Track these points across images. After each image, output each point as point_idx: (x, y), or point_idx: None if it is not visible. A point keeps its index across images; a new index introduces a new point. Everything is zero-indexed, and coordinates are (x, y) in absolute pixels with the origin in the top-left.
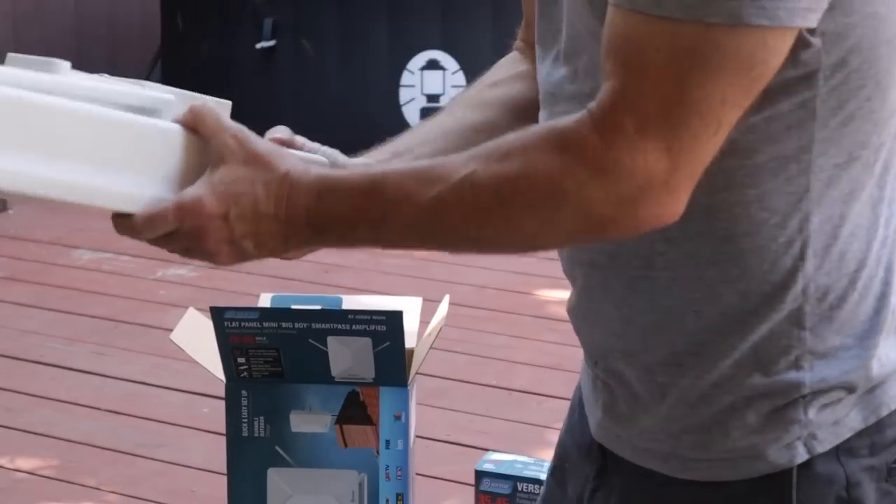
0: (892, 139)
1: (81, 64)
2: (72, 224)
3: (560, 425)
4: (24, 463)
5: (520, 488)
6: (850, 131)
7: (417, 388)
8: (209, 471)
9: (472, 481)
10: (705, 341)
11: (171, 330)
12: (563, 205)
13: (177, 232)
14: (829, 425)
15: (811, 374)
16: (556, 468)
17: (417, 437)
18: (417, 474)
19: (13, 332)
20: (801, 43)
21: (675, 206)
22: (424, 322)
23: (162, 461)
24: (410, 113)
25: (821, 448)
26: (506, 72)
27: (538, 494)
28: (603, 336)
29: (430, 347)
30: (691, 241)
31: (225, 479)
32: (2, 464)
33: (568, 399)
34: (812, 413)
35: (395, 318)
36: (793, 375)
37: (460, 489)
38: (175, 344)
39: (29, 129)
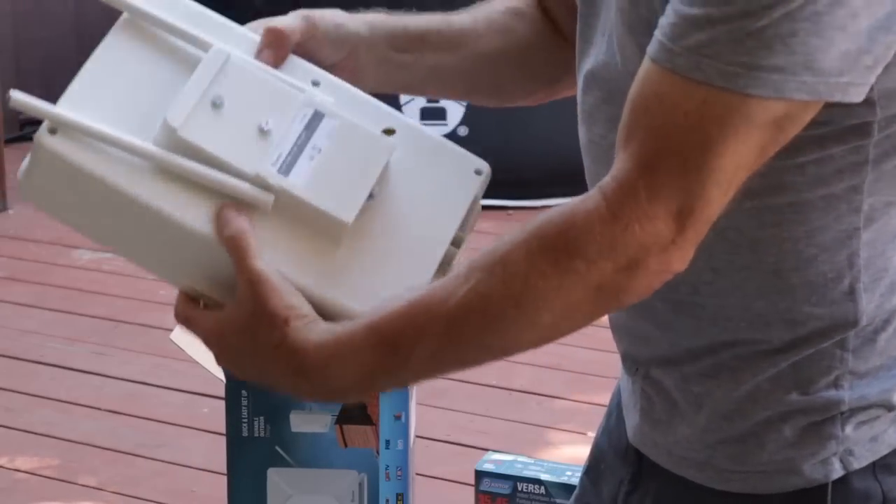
0: None
1: (81, 64)
2: None
3: (560, 425)
4: (24, 463)
5: (520, 488)
6: None
7: (417, 388)
8: (209, 471)
9: (472, 481)
10: (746, 358)
11: (171, 330)
12: (580, 286)
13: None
14: (867, 441)
15: (850, 392)
16: (591, 468)
17: (417, 437)
18: (417, 474)
19: (13, 332)
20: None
21: (681, 261)
22: None
23: (162, 461)
24: (410, 112)
25: (857, 464)
26: (523, 4)
27: (538, 494)
28: (644, 350)
29: None
30: (739, 273)
31: (225, 479)
32: (2, 464)
33: (568, 399)
34: (849, 429)
35: None
36: (832, 394)
37: (460, 489)
38: (175, 344)
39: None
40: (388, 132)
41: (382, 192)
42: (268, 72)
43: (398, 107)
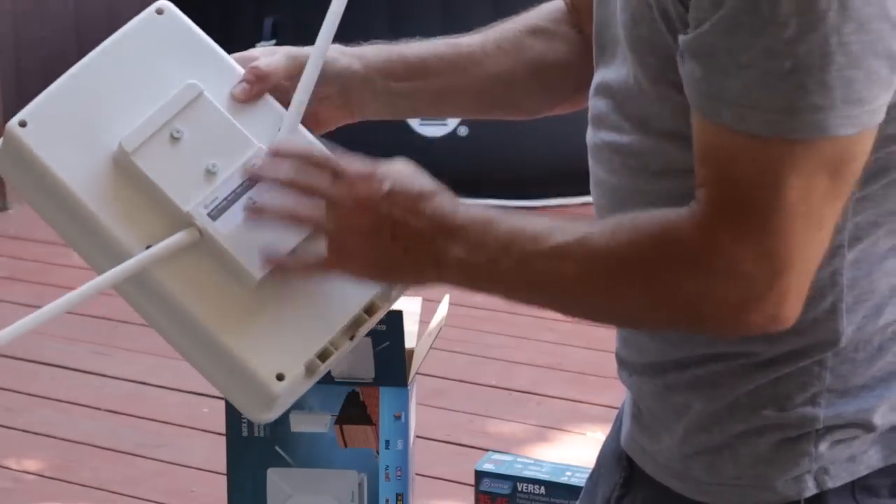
0: None
1: None
2: None
3: (560, 425)
4: (24, 463)
5: (520, 488)
6: (893, 193)
7: (417, 388)
8: (209, 471)
9: (472, 481)
10: (727, 373)
11: None
12: (659, 293)
13: (330, 190)
14: (844, 461)
15: (826, 410)
16: (594, 471)
17: (417, 437)
18: (417, 474)
19: None
20: None
21: (787, 309)
22: (424, 322)
23: (162, 461)
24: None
25: (832, 483)
26: (547, 23)
27: (538, 494)
28: (636, 356)
29: (430, 347)
30: None
31: (225, 479)
32: (2, 464)
33: (567, 399)
34: (824, 447)
35: (395, 318)
36: (807, 410)
37: (460, 489)
38: None
39: None
40: None
41: (306, 251)
42: (232, 117)
43: None
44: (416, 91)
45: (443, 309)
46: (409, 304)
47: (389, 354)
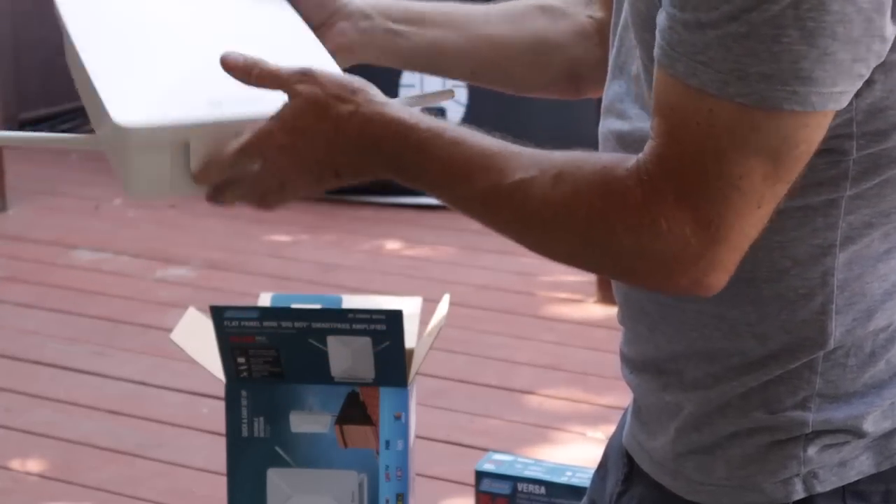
0: None
1: None
2: (72, 224)
3: (560, 425)
4: (24, 463)
5: (520, 488)
6: (888, 194)
7: (417, 388)
8: (209, 471)
9: (472, 481)
10: (719, 374)
11: (171, 330)
12: (595, 245)
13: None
14: (834, 466)
15: (816, 414)
16: (601, 465)
17: (417, 437)
18: (417, 474)
19: (13, 332)
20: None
21: (713, 278)
22: (424, 322)
23: (162, 461)
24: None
25: (821, 488)
26: (563, 2)
27: (538, 494)
28: (637, 351)
29: (430, 347)
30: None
31: (225, 479)
32: (2, 464)
33: (568, 399)
34: (813, 451)
35: (395, 317)
36: (797, 414)
37: (460, 489)
38: (175, 344)
39: None
40: None
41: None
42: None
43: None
44: (413, 36)
45: (443, 309)
46: (409, 304)
47: (389, 354)
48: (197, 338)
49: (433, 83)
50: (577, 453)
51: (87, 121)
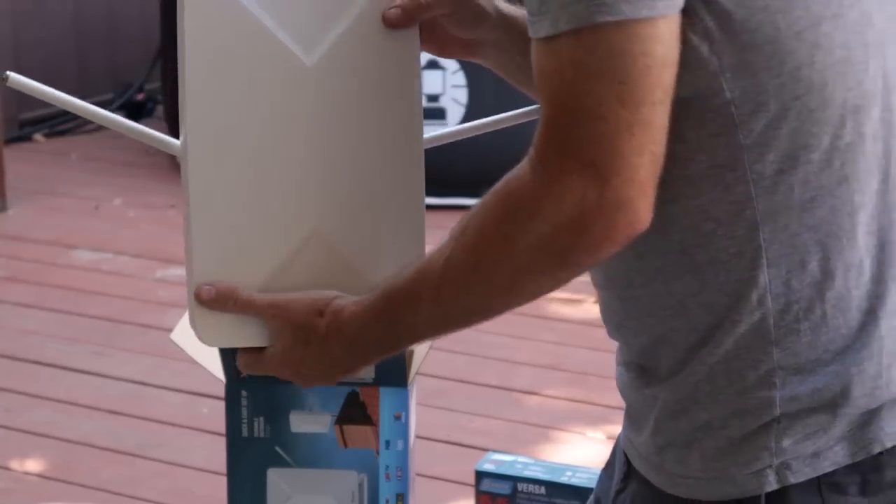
0: (862, 139)
1: (81, 64)
2: (72, 224)
3: (560, 425)
4: (24, 463)
5: (520, 488)
6: (786, 134)
7: (417, 388)
8: (209, 471)
9: (472, 481)
10: (683, 358)
11: (170, 330)
12: (523, 250)
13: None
14: (808, 457)
15: (781, 391)
16: (609, 464)
17: (417, 437)
18: (417, 474)
19: (13, 332)
20: (687, 44)
21: (629, 214)
22: None
23: (162, 461)
24: None
25: (794, 479)
26: None
27: (538, 494)
28: (619, 353)
29: (430, 347)
30: (655, 255)
31: (225, 479)
32: (2, 464)
33: (568, 399)
34: (786, 442)
35: None
36: (764, 394)
37: (460, 489)
38: (175, 344)
39: None
40: None
41: None
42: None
43: None
44: (519, 22)
45: None
46: None
47: None
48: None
49: (433, 85)
50: (577, 453)
51: (87, 121)
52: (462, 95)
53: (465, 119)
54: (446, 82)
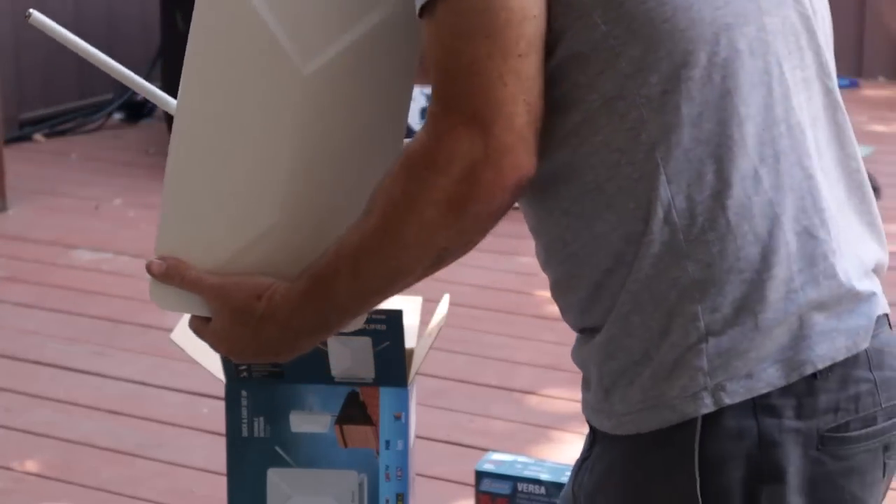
0: (738, 54)
1: (81, 64)
2: (72, 224)
3: (560, 425)
4: (24, 463)
5: (520, 488)
6: (664, 56)
7: (417, 388)
8: (209, 471)
9: (472, 481)
10: (613, 294)
11: (171, 330)
12: (426, 205)
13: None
14: (742, 377)
15: (703, 303)
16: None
17: (417, 437)
18: (417, 474)
19: (13, 332)
20: None
21: (515, 159)
22: (424, 322)
23: (162, 461)
24: (410, 114)
25: (729, 400)
26: None
27: (538, 494)
28: (570, 319)
29: (430, 347)
30: (576, 203)
31: (225, 479)
32: (2, 464)
33: (568, 399)
34: (718, 361)
35: (395, 317)
36: (687, 307)
37: (460, 489)
38: (175, 344)
39: None
40: None
41: None
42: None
43: None
44: None
45: (443, 309)
46: (409, 304)
47: (389, 354)
48: (197, 338)
49: None
50: (577, 453)
51: (87, 121)
52: None
53: None
54: None
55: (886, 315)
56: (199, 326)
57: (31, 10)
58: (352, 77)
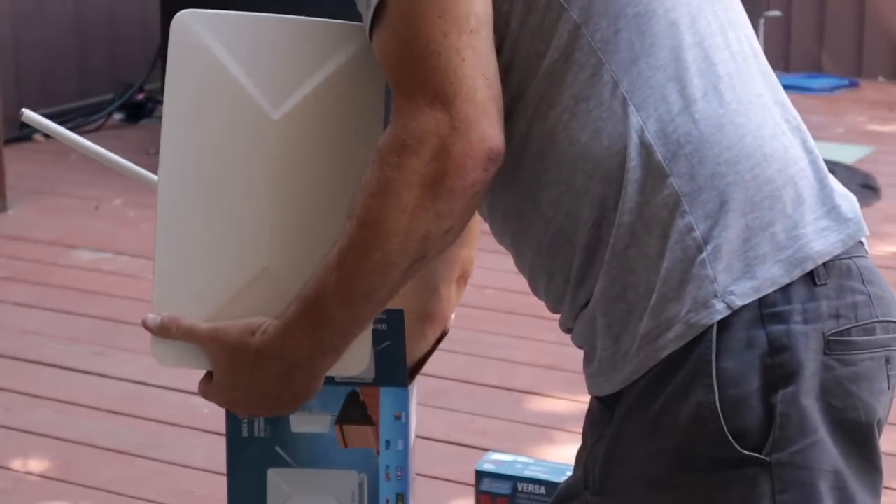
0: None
1: (81, 64)
2: (72, 224)
3: (560, 425)
4: (24, 463)
5: (520, 488)
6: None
7: (417, 388)
8: (209, 471)
9: (472, 481)
10: (607, 241)
11: None
12: (402, 190)
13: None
14: (747, 279)
15: (695, 213)
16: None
17: (417, 437)
18: (417, 474)
19: (13, 332)
20: None
21: (477, 130)
22: None
23: (162, 461)
24: None
25: (740, 301)
26: None
27: (538, 494)
28: (558, 306)
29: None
30: (552, 170)
31: (225, 479)
32: (2, 464)
33: (568, 399)
34: (721, 265)
35: (395, 317)
36: (679, 221)
37: (460, 489)
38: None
39: None
40: None
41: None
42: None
43: None
44: None
45: None
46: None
47: (389, 354)
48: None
49: None
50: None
51: (87, 121)
52: None
53: None
54: None
55: (864, 243)
56: (204, 387)
57: (23, 110)
58: (322, 116)
